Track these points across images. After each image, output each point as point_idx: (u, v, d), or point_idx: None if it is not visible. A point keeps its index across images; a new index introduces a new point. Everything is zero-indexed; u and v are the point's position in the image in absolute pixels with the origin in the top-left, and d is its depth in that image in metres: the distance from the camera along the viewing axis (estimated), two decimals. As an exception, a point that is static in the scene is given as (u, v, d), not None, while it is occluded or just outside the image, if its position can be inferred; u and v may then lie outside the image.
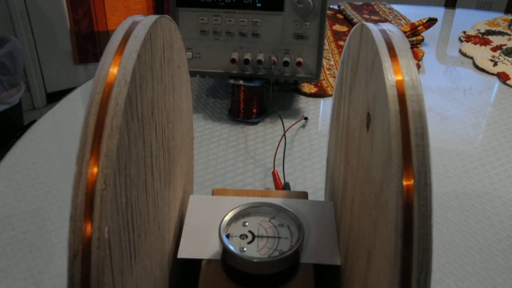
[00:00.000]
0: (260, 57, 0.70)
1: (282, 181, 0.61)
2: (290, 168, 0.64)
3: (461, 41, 1.08)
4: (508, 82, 0.89)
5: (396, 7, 1.27)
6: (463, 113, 0.79)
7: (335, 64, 0.93)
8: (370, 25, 0.32)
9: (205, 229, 0.41)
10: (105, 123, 0.24)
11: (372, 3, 1.29)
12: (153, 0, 2.40)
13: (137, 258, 0.28)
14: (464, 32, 1.12)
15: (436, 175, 0.64)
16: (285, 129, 0.69)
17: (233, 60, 0.70)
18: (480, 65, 0.95)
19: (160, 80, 0.33)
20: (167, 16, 0.35)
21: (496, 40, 1.07)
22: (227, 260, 0.36)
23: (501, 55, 0.99)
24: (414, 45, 1.04)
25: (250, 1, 0.68)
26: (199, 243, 0.39)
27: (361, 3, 1.27)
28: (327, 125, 0.74)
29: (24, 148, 0.68)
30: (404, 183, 0.23)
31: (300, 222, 0.38)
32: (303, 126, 0.74)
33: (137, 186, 0.28)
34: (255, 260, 0.35)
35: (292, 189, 0.60)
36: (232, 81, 0.72)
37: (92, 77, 0.42)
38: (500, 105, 0.82)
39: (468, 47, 1.03)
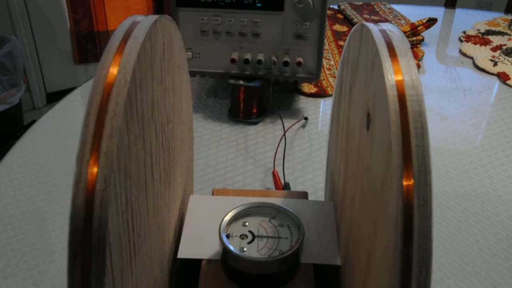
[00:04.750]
0: (260, 57, 0.70)
1: (282, 181, 0.61)
2: (290, 168, 0.64)
3: (461, 41, 1.08)
4: (508, 82, 0.89)
5: (396, 7, 1.27)
6: (463, 113, 0.79)
7: (335, 64, 0.93)
8: (370, 25, 0.32)
9: (205, 229, 0.41)
10: (105, 123, 0.24)
11: (372, 3, 1.29)
12: (153, 0, 2.40)
13: (137, 258, 0.28)
14: (464, 32, 1.12)
15: (436, 175, 0.64)
16: (285, 129, 0.69)
17: (233, 60, 0.70)
18: (480, 65, 0.95)
19: (160, 80, 0.33)
20: (167, 16, 0.35)
21: (496, 40, 1.07)
22: (227, 260, 0.36)
23: (501, 55, 0.99)
24: (414, 45, 1.04)
25: (250, 1, 0.68)
26: (199, 243, 0.39)
27: (361, 3, 1.27)
28: (327, 125, 0.74)
29: (24, 148, 0.68)
30: (404, 183, 0.23)
31: (300, 222, 0.38)
32: (303, 126, 0.74)
33: (137, 186, 0.28)
34: (255, 260, 0.35)
35: (292, 189, 0.60)
36: (232, 81, 0.72)
37: (92, 77, 0.42)
38: (500, 105, 0.82)
39: (468, 47, 1.03)
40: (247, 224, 0.39)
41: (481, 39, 1.07)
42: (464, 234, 0.54)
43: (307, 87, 0.84)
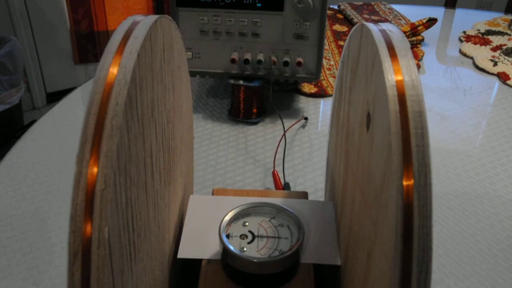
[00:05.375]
0: (260, 57, 0.70)
1: (282, 181, 0.61)
2: (290, 168, 0.64)
3: (461, 41, 1.08)
4: (508, 82, 0.89)
5: (396, 7, 1.27)
6: (463, 113, 0.79)
7: (335, 64, 0.93)
8: (370, 25, 0.32)
9: (205, 229, 0.41)
10: (105, 123, 0.24)
11: (372, 3, 1.29)
12: (153, 0, 2.40)
13: (137, 258, 0.28)
14: (464, 32, 1.12)
15: (436, 175, 0.64)
16: (285, 129, 0.69)
17: (233, 60, 0.70)
18: (480, 65, 0.95)
19: (160, 80, 0.33)
20: (167, 16, 0.35)
21: (496, 40, 1.07)
22: (227, 260, 0.36)
23: (501, 55, 0.99)
24: (414, 45, 1.04)
25: (250, 1, 0.68)
26: (199, 243, 0.39)
27: (361, 3, 1.27)
28: (327, 125, 0.74)
29: (24, 148, 0.68)
30: (404, 183, 0.23)
31: (300, 222, 0.38)
32: (303, 126, 0.74)
33: (137, 186, 0.28)
34: (255, 260, 0.35)
35: (292, 189, 0.60)
36: (232, 81, 0.72)
37: (92, 77, 0.42)
38: (500, 105, 0.82)
39: (468, 47, 1.03)
40: (247, 224, 0.39)
41: (481, 39, 1.07)
42: (464, 234, 0.54)
43: (307, 87, 0.84)
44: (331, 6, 1.28)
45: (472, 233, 0.54)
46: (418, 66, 0.96)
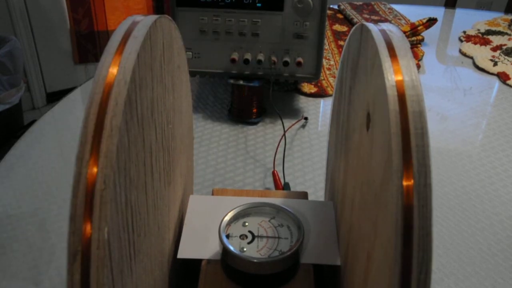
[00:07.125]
0: (260, 57, 0.70)
1: (282, 181, 0.61)
2: (290, 168, 0.64)
3: (461, 41, 1.08)
4: (508, 82, 0.89)
5: (396, 7, 1.27)
6: (463, 113, 0.79)
7: (335, 64, 0.93)
8: (370, 25, 0.32)
9: (205, 229, 0.41)
10: (104, 123, 0.24)
11: (372, 3, 1.29)
12: (153, 0, 2.39)
13: (136, 258, 0.28)
14: (464, 32, 1.12)
15: (436, 175, 0.64)
16: (285, 129, 0.69)
17: (233, 60, 0.70)
18: (480, 65, 0.95)
19: (160, 80, 0.33)
20: (166, 16, 0.35)
21: (496, 40, 1.07)
22: (227, 260, 0.36)
23: (501, 55, 0.99)
24: (414, 45, 1.03)
25: (250, 1, 0.68)
26: (199, 243, 0.39)
27: (361, 3, 1.27)
28: (327, 125, 0.74)
29: (24, 148, 0.68)
30: (404, 183, 0.23)
31: (300, 222, 0.38)
32: (303, 126, 0.74)
33: (136, 186, 0.28)
34: (255, 261, 0.35)
35: (292, 189, 0.60)
36: (232, 81, 0.71)
37: (92, 77, 0.42)
38: (500, 105, 0.82)
39: (468, 47, 1.03)
40: (247, 224, 0.39)
41: (481, 39, 1.07)
42: (464, 234, 0.54)
43: (307, 87, 0.84)
44: (331, 6, 1.28)
45: (472, 233, 0.54)
46: (418, 66, 0.96)
